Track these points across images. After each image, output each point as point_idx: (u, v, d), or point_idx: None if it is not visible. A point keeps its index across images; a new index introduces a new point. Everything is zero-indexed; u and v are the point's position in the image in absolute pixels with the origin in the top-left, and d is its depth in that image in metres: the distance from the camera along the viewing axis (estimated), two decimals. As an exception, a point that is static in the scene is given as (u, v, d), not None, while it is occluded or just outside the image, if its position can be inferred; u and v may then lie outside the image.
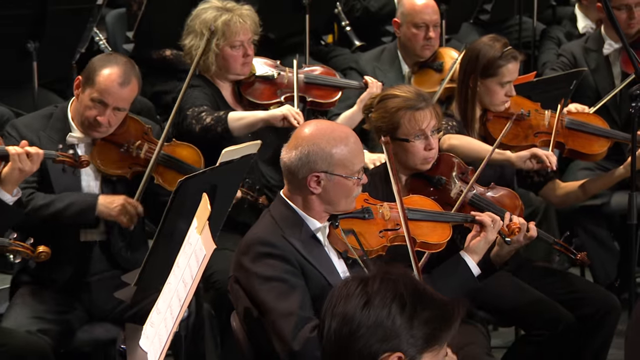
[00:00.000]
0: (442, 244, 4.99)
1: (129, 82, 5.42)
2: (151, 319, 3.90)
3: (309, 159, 4.53)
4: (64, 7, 6.45)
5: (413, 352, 3.05)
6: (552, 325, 5.42)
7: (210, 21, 6.08)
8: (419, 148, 5.22)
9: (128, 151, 5.56)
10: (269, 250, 4.48)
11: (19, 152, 5.10)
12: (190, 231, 3.90)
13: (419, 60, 6.88)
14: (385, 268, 3.18)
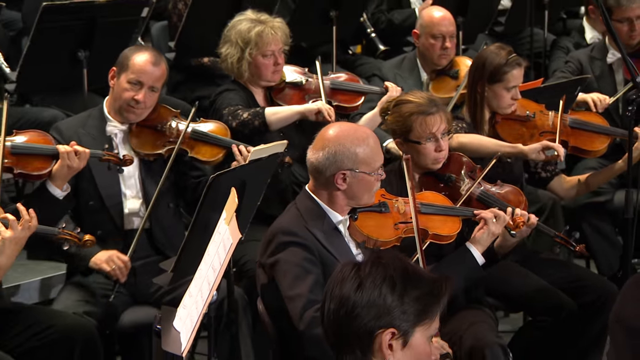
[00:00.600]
0: (452, 235, 5.01)
1: (160, 63, 5.53)
2: (184, 302, 3.95)
3: (335, 158, 4.57)
4: (112, 20, 6.45)
5: (406, 326, 3.06)
6: (556, 311, 5.44)
7: (244, 32, 6.09)
8: (430, 149, 5.22)
9: (162, 130, 5.62)
10: (292, 239, 4.51)
11: (68, 150, 5.15)
12: (219, 222, 3.96)
13: (436, 68, 6.87)
14: (377, 253, 3.24)
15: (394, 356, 3.07)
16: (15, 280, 6.31)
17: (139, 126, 5.59)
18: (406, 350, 3.08)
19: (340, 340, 3.12)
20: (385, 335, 3.05)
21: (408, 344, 3.08)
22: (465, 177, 5.35)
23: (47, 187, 5.22)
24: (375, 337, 3.05)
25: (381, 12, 8.34)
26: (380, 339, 3.05)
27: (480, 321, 5.12)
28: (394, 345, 3.06)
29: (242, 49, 6.09)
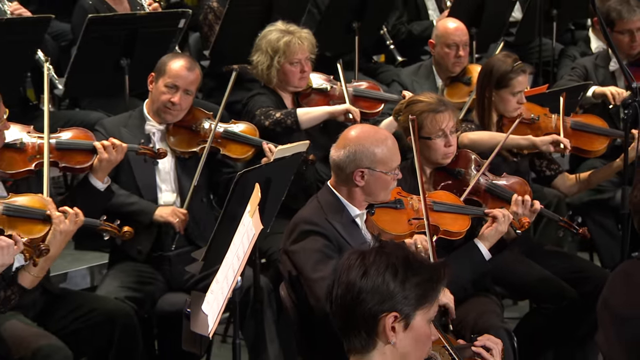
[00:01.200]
0: (462, 232, 5.03)
1: (194, 68, 5.58)
2: (211, 288, 4.00)
3: (355, 157, 4.58)
4: (152, 30, 6.46)
5: (407, 310, 3.07)
6: (558, 299, 5.44)
7: (274, 41, 6.12)
8: (440, 145, 5.23)
9: (196, 130, 5.64)
10: (313, 228, 4.53)
11: (107, 144, 5.18)
12: (244, 214, 3.99)
13: (450, 75, 6.85)
14: (381, 243, 3.24)
15: (397, 337, 3.07)
16: (63, 268, 6.35)
17: (175, 126, 5.63)
18: (408, 332, 3.08)
19: (347, 323, 3.12)
20: (389, 318, 3.05)
21: (409, 326, 3.08)
22: (474, 171, 5.34)
23: (90, 180, 5.22)
24: (379, 320, 3.06)
25: (402, 24, 8.31)
26: (383, 322, 3.05)
27: (487, 308, 5.14)
28: (396, 328, 3.07)
29: (272, 57, 6.13)
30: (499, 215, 5.00)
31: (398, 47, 8.14)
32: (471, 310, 5.09)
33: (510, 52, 8.04)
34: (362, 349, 3.11)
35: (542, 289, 5.54)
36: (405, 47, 8.15)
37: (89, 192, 5.23)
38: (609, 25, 7.03)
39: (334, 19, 7.37)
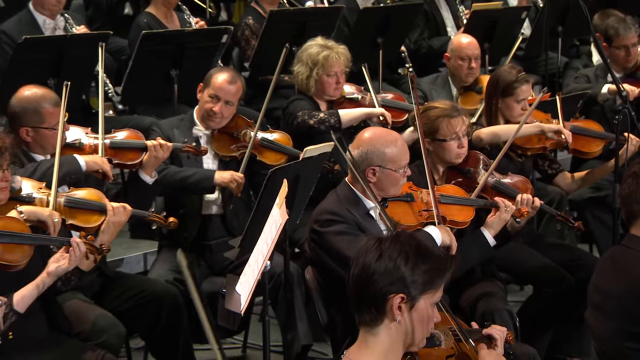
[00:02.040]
0: (466, 222, 5.00)
1: (235, 82, 5.58)
2: (244, 271, 4.01)
3: (367, 156, 4.62)
4: (198, 44, 6.51)
5: (414, 293, 3.08)
6: (557, 284, 5.42)
7: (314, 55, 6.13)
8: (453, 146, 5.21)
9: (237, 137, 5.63)
10: (335, 218, 4.58)
11: (155, 144, 5.21)
12: (273, 206, 4.01)
13: (464, 85, 6.84)
14: (397, 232, 3.28)
15: (402, 316, 3.09)
16: (119, 254, 6.36)
17: (219, 132, 5.65)
18: (412, 312, 3.10)
19: (360, 299, 3.14)
20: (396, 298, 3.07)
21: (414, 307, 3.10)
22: (482, 170, 5.32)
23: (139, 175, 5.23)
24: (388, 299, 3.07)
25: (423, 39, 8.29)
26: (392, 302, 3.07)
27: (492, 291, 5.12)
28: (402, 308, 3.08)
29: (311, 68, 6.15)
30: (501, 204, 4.99)
31: (419, 60, 8.12)
32: (478, 293, 5.09)
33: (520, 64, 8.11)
34: (371, 322, 3.11)
35: (543, 275, 5.51)
36: (426, 59, 8.13)
37: (139, 185, 5.25)
38: (607, 41, 7.07)
39: (360, 35, 7.39)
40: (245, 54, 7.30)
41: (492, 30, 7.71)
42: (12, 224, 4.18)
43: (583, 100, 6.44)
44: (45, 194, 4.55)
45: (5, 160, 4.25)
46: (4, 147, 4.23)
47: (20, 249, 4.13)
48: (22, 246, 4.14)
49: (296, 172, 4.70)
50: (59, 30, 6.59)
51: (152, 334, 5.16)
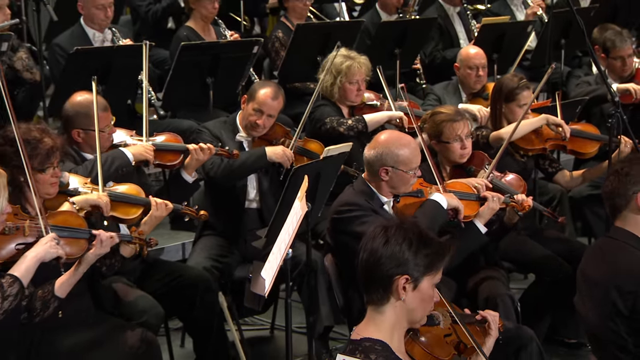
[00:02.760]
0: (470, 216, 4.98)
1: (278, 97, 5.56)
2: (269, 258, 4.01)
3: (381, 157, 4.66)
4: (231, 55, 6.52)
5: (417, 275, 3.13)
6: (555, 273, 5.42)
7: (338, 64, 6.14)
8: (456, 148, 5.23)
9: (276, 144, 5.59)
10: (354, 208, 4.64)
11: (196, 147, 5.20)
12: (295, 199, 4.05)
13: (472, 91, 6.82)
14: (401, 220, 3.32)
15: (406, 295, 3.13)
16: (160, 244, 6.02)
17: (259, 139, 5.63)
18: (416, 292, 3.15)
19: (369, 281, 3.18)
20: (401, 280, 3.12)
21: (417, 287, 3.15)
22: (486, 168, 5.30)
23: (181, 174, 5.25)
24: (393, 280, 3.12)
25: (437, 51, 8.26)
26: (397, 283, 3.12)
27: (496, 278, 5.14)
28: (407, 288, 3.13)
29: (335, 76, 6.16)
30: (489, 196, 4.99)
31: (435, 69, 8.11)
32: (483, 280, 5.11)
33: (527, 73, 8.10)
34: (378, 301, 3.16)
35: (543, 265, 5.51)
36: (440, 69, 8.09)
37: (180, 183, 5.28)
38: (605, 52, 7.05)
39: (379, 46, 7.40)
40: (275, 64, 7.30)
41: (501, 42, 7.67)
42: (72, 219, 4.18)
43: (582, 106, 6.44)
44: (90, 188, 4.56)
45: (55, 159, 4.26)
46: (55, 146, 4.26)
47: (77, 242, 4.11)
48: (79, 240, 4.12)
49: (317, 170, 4.72)
50: (107, 43, 6.63)
51: (188, 315, 5.16)
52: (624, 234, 3.93)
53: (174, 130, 5.93)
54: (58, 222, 4.10)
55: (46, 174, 4.23)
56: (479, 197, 5.07)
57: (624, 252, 3.87)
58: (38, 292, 3.97)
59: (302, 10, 7.72)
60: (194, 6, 7.18)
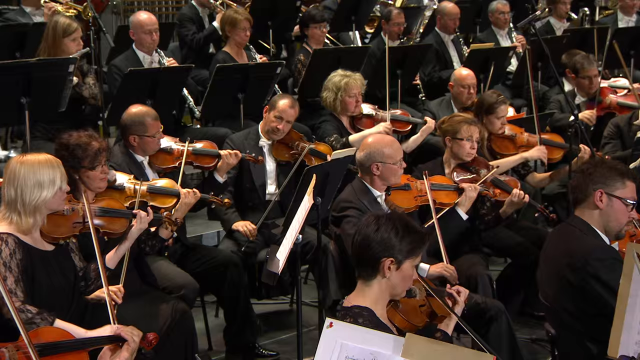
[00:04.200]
0: (452, 203, 5.02)
1: (294, 106, 5.63)
2: (283, 242, 4.02)
3: (371, 155, 4.72)
4: (258, 75, 6.56)
5: (400, 258, 3.19)
6: (526, 257, 5.39)
7: (337, 82, 6.17)
8: (467, 146, 5.27)
9: (292, 147, 5.67)
10: (348, 205, 4.68)
11: (226, 153, 5.28)
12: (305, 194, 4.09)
13: (463, 106, 6.79)
14: (391, 212, 3.39)
15: (391, 274, 3.19)
16: (199, 232, 6.46)
17: (278, 142, 5.67)
18: (398, 272, 3.20)
19: (360, 260, 3.24)
20: (387, 261, 3.18)
21: (400, 268, 3.20)
22: (484, 170, 5.34)
23: (214, 175, 5.32)
24: (381, 261, 3.18)
25: (435, 71, 8.25)
26: (383, 263, 3.18)
27: (476, 261, 5.19)
28: (391, 268, 3.18)
29: (336, 92, 6.20)
30: (466, 187, 5.03)
31: (432, 87, 8.09)
32: (466, 262, 5.14)
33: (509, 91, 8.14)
34: (367, 277, 3.22)
35: (516, 249, 5.53)
36: (437, 87, 8.07)
37: (213, 183, 5.32)
38: (575, 73, 7.03)
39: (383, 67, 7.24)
40: (296, 82, 7.32)
41: (486, 64, 7.66)
42: (114, 203, 4.28)
43: (550, 118, 6.46)
44: (133, 183, 4.65)
45: (103, 158, 4.33)
46: (102, 148, 4.32)
47: (119, 221, 4.21)
48: (121, 219, 4.21)
49: (327, 170, 4.76)
50: (154, 64, 6.68)
51: (219, 290, 5.22)
52: (580, 222, 3.94)
53: (211, 137, 5.98)
54: (103, 205, 4.21)
55: (96, 171, 4.31)
56: (457, 188, 5.08)
57: (578, 236, 3.88)
58: (92, 265, 4.00)
59: (319, 37, 7.74)
60: (230, 34, 7.22)
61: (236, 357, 5.23)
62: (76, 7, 7.65)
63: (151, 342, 3.38)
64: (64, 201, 3.84)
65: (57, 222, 3.89)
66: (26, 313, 3.50)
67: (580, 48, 7.40)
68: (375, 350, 2.63)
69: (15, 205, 3.68)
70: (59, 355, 3.12)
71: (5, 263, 3.58)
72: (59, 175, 3.74)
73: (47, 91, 5.60)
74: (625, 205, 3.90)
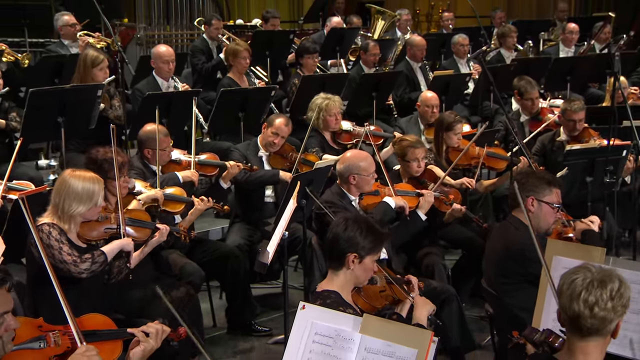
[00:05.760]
0: (413, 207, 5.01)
1: (288, 124, 5.66)
2: (272, 238, 4.07)
3: (349, 168, 4.73)
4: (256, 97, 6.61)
5: (363, 253, 3.25)
6: (476, 248, 5.29)
7: (320, 103, 6.18)
8: (414, 166, 5.26)
9: (286, 157, 5.68)
10: (329, 205, 4.63)
11: (232, 164, 5.30)
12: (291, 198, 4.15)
13: (428, 123, 6.77)
14: (356, 215, 3.41)
15: (354, 267, 3.23)
16: (206, 228, 6.40)
17: (274, 154, 5.68)
18: (361, 265, 3.25)
19: (331, 254, 3.29)
20: (352, 256, 3.23)
21: (362, 262, 3.25)
22: (432, 182, 5.34)
23: (219, 182, 5.34)
24: (347, 256, 3.23)
25: (405, 93, 8.27)
26: (349, 257, 3.23)
27: (434, 252, 5.21)
28: (355, 262, 3.23)
29: (319, 112, 6.21)
30: (425, 193, 5.05)
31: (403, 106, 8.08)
32: (426, 254, 5.16)
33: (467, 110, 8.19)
34: (335, 268, 3.27)
35: (468, 243, 5.54)
36: (407, 106, 8.09)
37: (218, 189, 5.33)
38: (520, 95, 7.02)
39: (362, 91, 7.46)
40: (290, 102, 7.35)
41: (447, 88, 7.72)
42: (142, 214, 4.32)
43: (498, 134, 6.52)
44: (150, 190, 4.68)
45: (125, 169, 4.39)
46: (125, 161, 4.39)
47: (144, 230, 4.23)
48: (146, 229, 4.23)
49: (311, 177, 4.80)
50: (170, 88, 6.70)
51: (222, 277, 5.21)
52: (516, 220, 4.02)
53: (216, 149, 5.96)
54: (132, 216, 4.25)
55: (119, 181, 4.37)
56: (418, 194, 5.12)
57: (513, 232, 3.95)
58: (115, 262, 4.02)
59: (312, 65, 7.75)
60: (232, 63, 7.25)
61: (236, 333, 5.23)
62: (106, 40, 7.74)
63: (180, 335, 3.15)
64: (98, 213, 3.90)
65: (92, 227, 3.94)
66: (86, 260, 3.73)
67: (526, 74, 7.45)
68: (339, 327, 2.70)
69: (57, 210, 3.78)
70: (99, 342, 3.02)
71: (58, 239, 3.71)
72: (97, 193, 3.80)
73: (79, 112, 5.67)
74: (552, 208, 3.99)
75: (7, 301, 2.56)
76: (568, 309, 2.51)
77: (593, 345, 2.52)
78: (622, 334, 2.96)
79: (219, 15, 9.55)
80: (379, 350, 2.61)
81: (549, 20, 11.43)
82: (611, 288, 2.48)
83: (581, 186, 5.35)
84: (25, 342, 2.87)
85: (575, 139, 6.21)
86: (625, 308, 2.52)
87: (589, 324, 2.48)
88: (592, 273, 2.52)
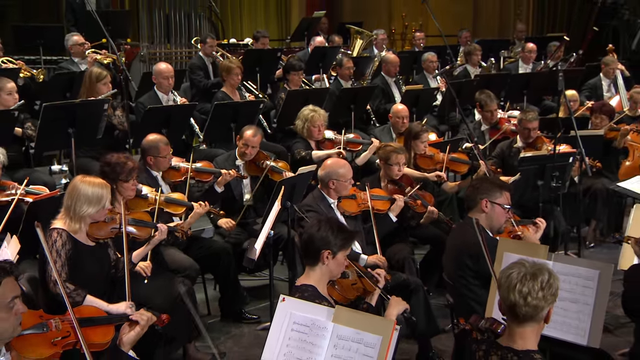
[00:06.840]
0: (385, 209, 5.03)
1: (256, 135, 5.54)
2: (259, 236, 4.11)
3: (329, 174, 4.73)
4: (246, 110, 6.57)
5: (335, 250, 3.28)
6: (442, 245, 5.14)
7: (306, 115, 6.20)
8: (395, 169, 5.28)
9: (259, 165, 5.57)
10: (309, 209, 4.68)
11: (225, 172, 5.29)
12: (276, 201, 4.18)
13: (399, 132, 6.79)
14: (328, 217, 3.45)
15: (328, 262, 3.25)
16: (201, 226, 6.20)
17: (249, 162, 5.60)
18: (334, 260, 3.28)
19: (306, 251, 3.32)
20: (325, 252, 3.26)
21: (335, 258, 3.27)
22: (408, 186, 5.36)
23: (214, 187, 5.28)
24: (321, 253, 3.25)
25: (381, 104, 8.28)
26: (323, 254, 3.26)
27: (404, 248, 5.20)
28: (328, 258, 3.25)
29: (304, 122, 6.23)
30: (397, 198, 5.07)
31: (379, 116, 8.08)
32: (395, 249, 5.16)
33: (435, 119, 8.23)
34: (312, 264, 3.30)
35: (434, 239, 5.49)
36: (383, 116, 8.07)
37: (212, 193, 5.31)
38: (481, 107, 7.08)
39: (341, 102, 7.46)
40: (277, 114, 7.34)
41: (417, 100, 7.75)
42: (143, 215, 4.34)
43: (462, 142, 6.55)
44: (154, 194, 4.69)
45: (135, 173, 4.41)
46: (135, 166, 4.43)
47: (145, 229, 4.27)
48: (147, 228, 4.27)
49: (294, 181, 4.79)
50: (170, 102, 6.70)
51: (215, 270, 5.20)
52: (471, 221, 4.06)
53: (210, 156, 5.93)
54: (135, 217, 4.28)
55: (129, 183, 4.41)
56: (390, 198, 5.15)
57: (469, 230, 3.98)
58: (122, 258, 3.99)
59: (297, 81, 7.73)
60: (226, 78, 7.24)
61: (228, 320, 5.23)
62: (112, 56, 7.74)
63: (163, 321, 3.36)
64: (105, 215, 3.93)
65: (99, 227, 3.95)
66: (66, 288, 3.57)
67: (487, 88, 7.51)
68: (314, 317, 2.78)
69: (68, 212, 3.80)
70: (94, 327, 3.17)
71: (58, 250, 3.68)
72: (104, 197, 3.83)
73: (87, 124, 5.68)
74: (503, 209, 4.05)
75: (16, 287, 2.69)
76: (506, 299, 2.61)
77: (529, 330, 2.61)
78: (563, 320, 3.07)
79: (214, 34, 9.50)
80: (349, 337, 2.68)
81: (509, 40, 11.52)
82: (541, 280, 2.58)
83: (533, 189, 5.41)
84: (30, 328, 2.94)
85: (530, 146, 6.29)
86: (555, 297, 2.63)
87: (524, 311, 2.57)
88: (525, 267, 2.62)
